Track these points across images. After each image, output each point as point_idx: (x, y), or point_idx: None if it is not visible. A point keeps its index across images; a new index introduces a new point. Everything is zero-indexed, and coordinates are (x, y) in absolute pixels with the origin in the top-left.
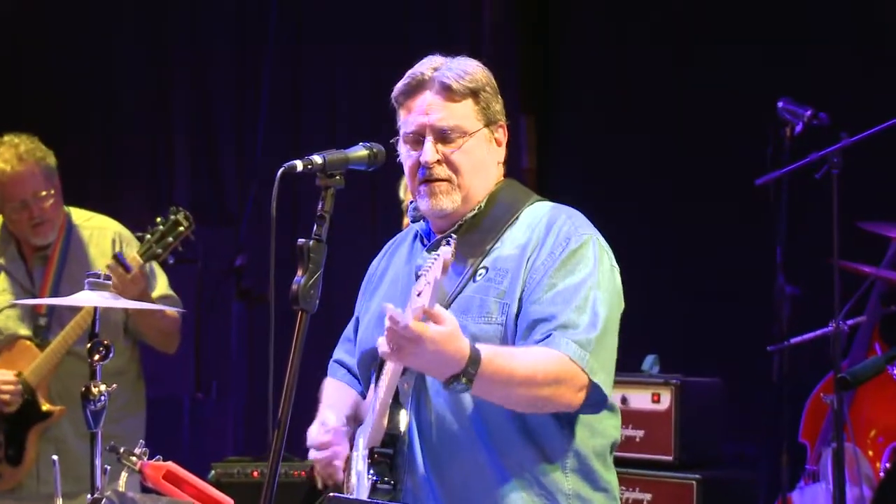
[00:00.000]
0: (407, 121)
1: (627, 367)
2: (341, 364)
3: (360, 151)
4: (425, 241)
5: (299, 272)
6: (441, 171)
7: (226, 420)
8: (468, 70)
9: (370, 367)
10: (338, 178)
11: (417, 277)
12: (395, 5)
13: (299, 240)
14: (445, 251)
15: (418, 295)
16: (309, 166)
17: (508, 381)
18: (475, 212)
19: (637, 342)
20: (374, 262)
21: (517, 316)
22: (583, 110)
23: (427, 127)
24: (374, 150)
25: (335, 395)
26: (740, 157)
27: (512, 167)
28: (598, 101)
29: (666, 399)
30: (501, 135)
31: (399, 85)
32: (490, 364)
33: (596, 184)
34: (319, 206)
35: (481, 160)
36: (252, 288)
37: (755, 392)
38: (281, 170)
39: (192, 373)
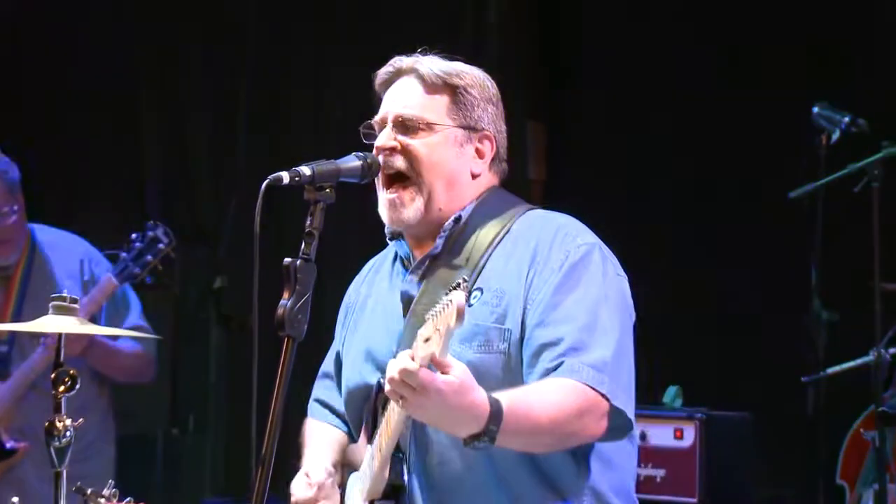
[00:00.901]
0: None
1: (647, 399)
2: (323, 404)
3: (352, 162)
4: (406, 264)
5: (285, 295)
6: (398, 160)
7: (203, 458)
8: (455, 67)
9: (361, 407)
10: (328, 191)
11: (414, 316)
12: (392, 3)
13: (285, 259)
14: (458, 297)
15: (426, 341)
16: (296, 178)
17: (533, 430)
18: (457, 225)
19: (658, 372)
20: (352, 289)
21: (521, 341)
22: (596, 117)
23: (388, 113)
24: (369, 160)
25: (319, 439)
26: (771, 168)
27: (517, 178)
28: (613, 107)
29: (690, 435)
30: (487, 147)
31: (379, 72)
32: (512, 416)
33: (611, 198)
34: (308, 222)
35: (446, 161)
36: (233, 313)
37: (788, 428)
38: (265, 182)
39: (166, 406)
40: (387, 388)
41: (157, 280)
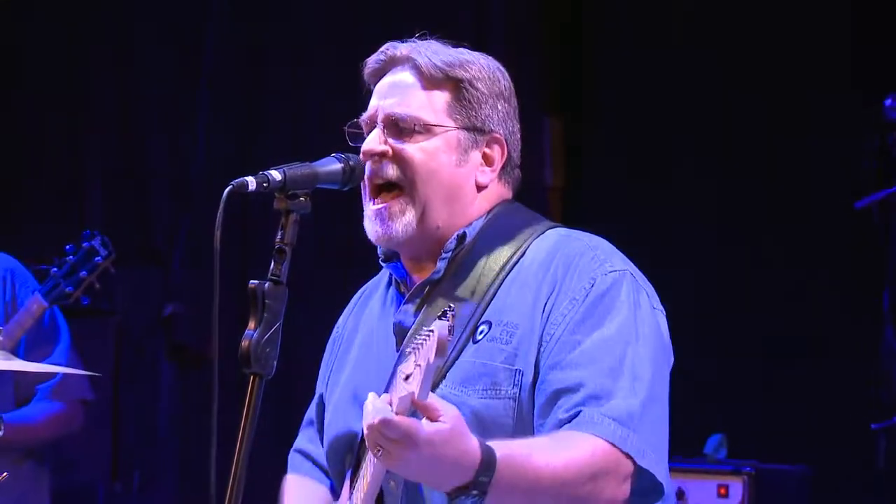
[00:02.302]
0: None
1: (685, 450)
2: (305, 455)
3: (332, 165)
4: (402, 289)
5: (251, 324)
6: (388, 168)
7: None
8: (459, 55)
9: (344, 457)
10: (303, 199)
11: (403, 353)
12: None
13: (251, 282)
14: (441, 326)
15: (405, 379)
16: (265, 184)
17: (532, 488)
18: (462, 245)
19: (698, 418)
20: (340, 322)
21: (533, 385)
22: (622, 117)
23: (378, 110)
24: (351, 163)
25: (297, 497)
26: (832, 172)
27: (532, 185)
28: (641, 106)
29: (737, 492)
30: (497, 152)
31: (369, 60)
32: (508, 469)
33: (641, 210)
34: (278, 236)
35: (446, 170)
36: (187, 345)
37: (854, 483)
38: (228, 189)
39: (107, 457)
40: (366, 436)
41: (94, 302)
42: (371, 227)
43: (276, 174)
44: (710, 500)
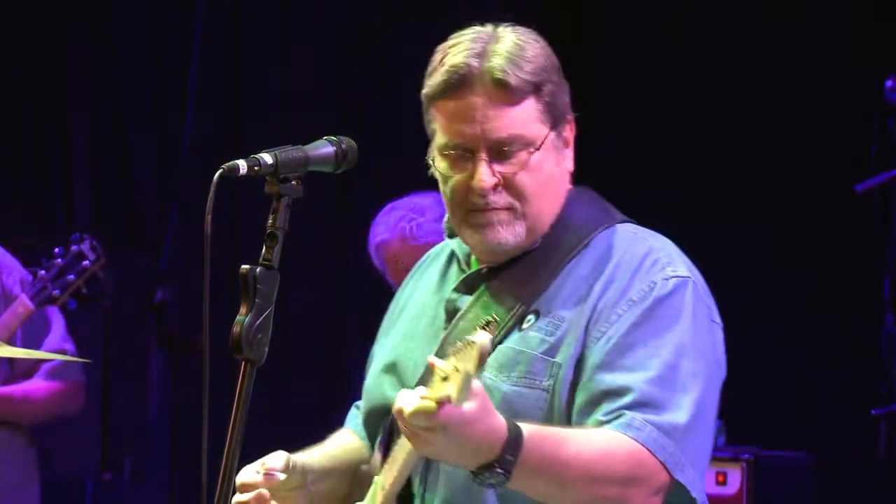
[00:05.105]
0: (447, 129)
1: None
2: (359, 408)
3: (324, 148)
4: (464, 267)
5: (242, 310)
6: (500, 198)
7: None
8: (526, 54)
9: (378, 424)
10: (294, 183)
11: (445, 346)
12: None
13: (242, 266)
14: (483, 338)
15: (443, 380)
16: (256, 168)
17: (559, 475)
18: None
19: None
20: (401, 287)
21: (573, 384)
22: (622, 117)
23: (480, 140)
24: (343, 146)
25: (330, 444)
26: (832, 157)
27: None
28: (641, 106)
29: (735, 480)
30: (569, 133)
31: (435, 80)
32: (536, 450)
33: (642, 210)
34: (270, 221)
35: (550, 176)
36: (178, 332)
37: (855, 471)
38: (219, 172)
39: (97, 447)
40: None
41: (83, 299)
42: (476, 235)
43: (267, 157)
44: (708, 488)
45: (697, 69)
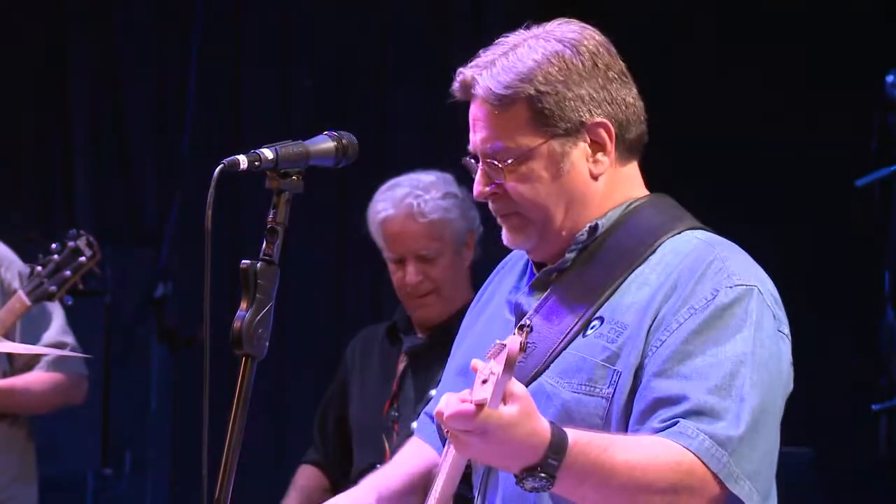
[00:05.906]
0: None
1: None
2: (431, 418)
3: (324, 143)
4: (536, 269)
5: (243, 305)
6: (501, 206)
7: (143, 503)
8: (517, 65)
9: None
10: (295, 178)
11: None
12: None
13: (243, 261)
14: (513, 342)
15: (483, 383)
16: (256, 162)
17: (605, 481)
18: (593, 235)
19: None
20: (482, 288)
21: (632, 392)
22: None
23: (477, 149)
24: (344, 141)
25: (403, 457)
26: (833, 152)
27: None
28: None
29: None
30: (603, 136)
31: (454, 85)
32: (581, 455)
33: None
34: (270, 216)
35: (547, 188)
36: (178, 327)
37: (855, 466)
38: (219, 167)
39: (97, 441)
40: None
41: (81, 293)
42: (504, 234)
43: (268, 153)
44: None
45: (697, 66)
